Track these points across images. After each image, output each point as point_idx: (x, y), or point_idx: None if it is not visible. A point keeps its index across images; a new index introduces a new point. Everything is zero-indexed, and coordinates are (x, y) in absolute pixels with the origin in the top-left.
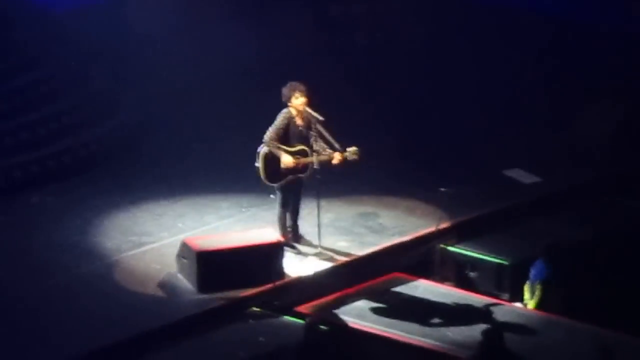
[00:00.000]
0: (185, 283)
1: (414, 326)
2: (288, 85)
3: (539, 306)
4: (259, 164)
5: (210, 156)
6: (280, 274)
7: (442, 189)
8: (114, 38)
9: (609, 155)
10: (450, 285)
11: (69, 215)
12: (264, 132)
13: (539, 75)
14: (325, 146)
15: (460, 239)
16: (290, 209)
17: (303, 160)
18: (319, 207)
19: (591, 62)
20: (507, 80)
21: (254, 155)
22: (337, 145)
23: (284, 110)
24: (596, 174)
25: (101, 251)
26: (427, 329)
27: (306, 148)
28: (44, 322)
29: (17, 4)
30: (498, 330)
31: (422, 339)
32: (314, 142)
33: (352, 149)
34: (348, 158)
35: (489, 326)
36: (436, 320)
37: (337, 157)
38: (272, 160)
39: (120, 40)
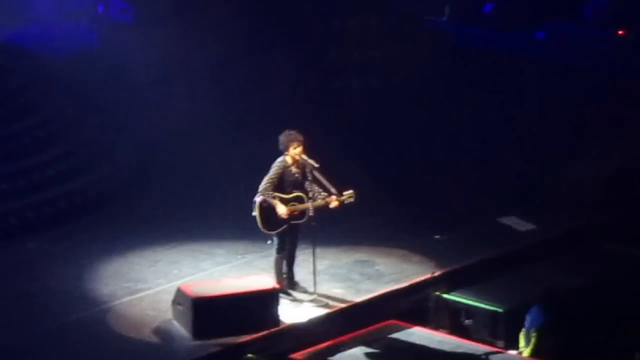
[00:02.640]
0: (181, 329)
1: None
2: (285, 133)
3: (534, 353)
4: (255, 213)
5: (205, 203)
6: (276, 320)
7: (437, 236)
8: (109, 83)
9: (603, 200)
10: (446, 333)
11: (64, 261)
12: (260, 179)
13: (535, 119)
14: (321, 191)
15: (455, 286)
16: (286, 255)
17: (299, 206)
18: (314, 254)
19: (586, 105)
20: (501, 125)
21: (249, 202)
22: (333, 190)
23: (279, 159)
24: (590, 220)
25: (96, 297)
26: None
27: (302, 194)
28: None
29: (13, 50)
30: None
31: None
32: (309, 188)
33: (348, 192)
34: (344, 202)
35: None
36: None
37: (333, 201)
38: (267, 209)
39: (114, 86)
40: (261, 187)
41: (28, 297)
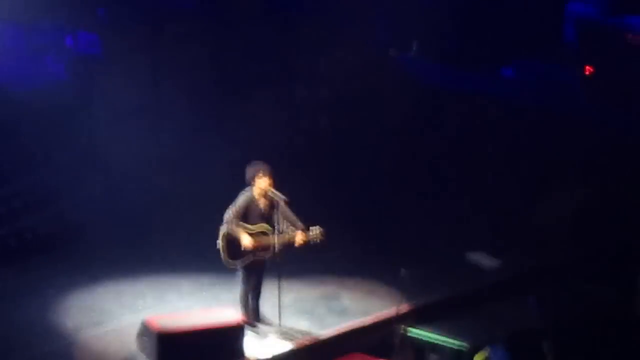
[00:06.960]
0: None
1: None
2: (252, 165)
3: None
4: (220, 243)
5: (170, 236)
6: (241, 355)
7: (403, 271)
8: (75, 117)
9: (569, 239)
10: None
11: (29, 293)
12: (225, 212)
13: (502, 159)
14: (289, 225)
15: (420, 322)
16: (252, 288)
17: (264, 240)
18: (279, 287)
19: (551, 146)
20: (468, 163)
21: (214, 234)
22: (300, 225)
23: (246, 190)
24: (556, 258)
25: (61, 330)
26: None
27: (268, 228)
28: None
29: None
30: None
31: None
32: (276, 222)
33: (316, 229)
34: (311, 239)
35: None
36: None
37: (299, 238)
38: (232, 239)
39: (80, 119)
40: (226, 216)
41: None
